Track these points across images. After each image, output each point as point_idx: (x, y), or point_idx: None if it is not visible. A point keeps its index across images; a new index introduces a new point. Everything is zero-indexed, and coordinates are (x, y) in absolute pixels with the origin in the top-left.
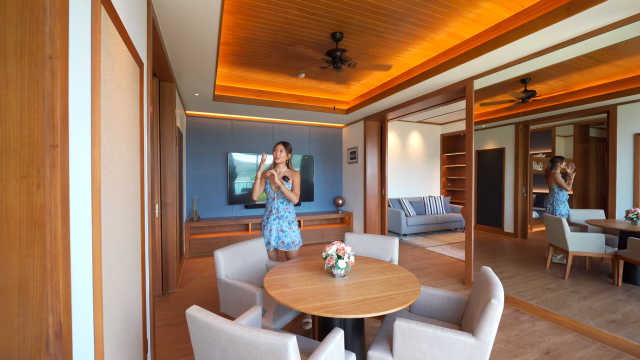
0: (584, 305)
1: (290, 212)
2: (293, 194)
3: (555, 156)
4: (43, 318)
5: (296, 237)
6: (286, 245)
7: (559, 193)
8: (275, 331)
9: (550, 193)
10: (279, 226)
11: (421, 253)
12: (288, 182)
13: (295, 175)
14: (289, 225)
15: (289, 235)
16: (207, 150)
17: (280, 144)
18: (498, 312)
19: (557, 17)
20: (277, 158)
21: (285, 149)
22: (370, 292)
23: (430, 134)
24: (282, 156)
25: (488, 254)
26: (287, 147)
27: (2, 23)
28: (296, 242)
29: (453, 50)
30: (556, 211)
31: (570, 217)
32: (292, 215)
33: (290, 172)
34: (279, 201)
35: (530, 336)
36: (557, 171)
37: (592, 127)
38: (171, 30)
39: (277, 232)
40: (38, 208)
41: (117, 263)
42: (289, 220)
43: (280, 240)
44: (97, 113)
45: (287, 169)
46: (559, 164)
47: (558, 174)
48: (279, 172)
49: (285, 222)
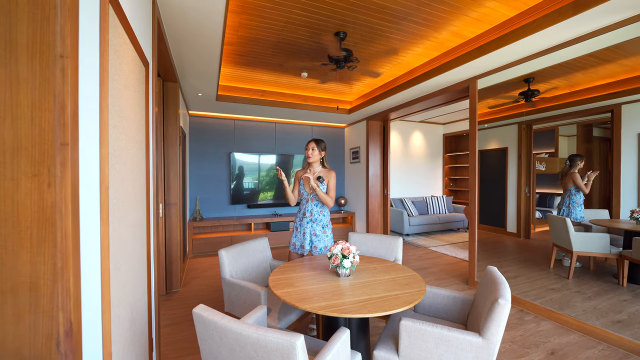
0: (589, 306)
1: (325, 215)
2: (329, 197)
3: (573, 154)
4: (54, 316)
5: (329, 242)
6: (319, 251)
7: (576, 195)
8: (282, 330)
9: (566, 194)
10: (313, 230)
11: (424, 253)
12: (323, 183)
13: (330, 176)
14: (322, 229)
15: (323, 240)
16: (210, 150)
17: (313, 141)
18: (505, 311)
19: (562, 16)
20: (309, 157)
21: (318, 147)
22: (376, 292)
23: (433, 133)
24: (314, 154)
25: (491, 254)
26: (320, 145)
27: (14, 22)
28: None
29: (456, 49)
30: (572, 214)
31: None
32: (327, 219)
33: (325, 171)
34: (313, 203)
35: (535, 336)
36: (576, 171)
37: (595, 126)
38: (175, 30)
39: (311, 236)
40: (49, 207)
41: (124, 262)
42: (323, 223)
43: (313, 245)
44: (105, 112)
45: (322, 168)
46: (578, 163)
47: (577, 174)
48: (313, 171)
49: (319, 225)
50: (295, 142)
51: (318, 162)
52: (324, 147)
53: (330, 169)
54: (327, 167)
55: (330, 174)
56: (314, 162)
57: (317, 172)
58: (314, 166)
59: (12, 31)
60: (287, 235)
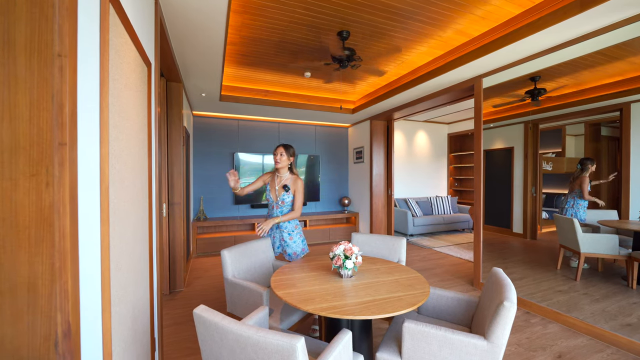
0: (597, 308)
1: (290, 222)
2: (293, 212)
3: (584, 158)
4: (52, 317)
5: (297, 248)
6: (288, 255)
7: (581, 196)
8: (283, 332)
9: (571, 195)
10: (281, 235)
11: (428, 253)
12: (289, 192)
13: (297, 185)
14: (289, 236)
15: (290, 246)
16: (214, 150)
17: (281, 146)
18: (511, 314)
19: (568, 13)
20: (277, 162)
21: (287, 152)
22: (379, 293)
23: (437, 133)
24: (283, 160)
25: (496, 255)
26: (289, 151)
27: (12, 21)
28: (298, 252)
29: (461, 48)
30: (575, 215)
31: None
32: (292, 225)
33: (292, 179)
34: (278, 210)
35: (542, 339)
36: (586, 175)
37: (603, 125)
38: (178, 30)
39: (280, 241)
40: (47, 207)
41: (126, 262)
42: (289, 230)
43: (283, 249)
44: (105, 112)
45: (290, 174)
46: (589, 167)
47: (586, 178)
48: (281, 178)
49: (285, 232)
50: (298, 142)
51: (286, 168)
52: (292, 152)
53: (298, 177)
54: (296, 174)
55: (297, 182)
56: (281, 168)
57: (284, 180)
58: (281, 172)
59: (11, 30)
60: None
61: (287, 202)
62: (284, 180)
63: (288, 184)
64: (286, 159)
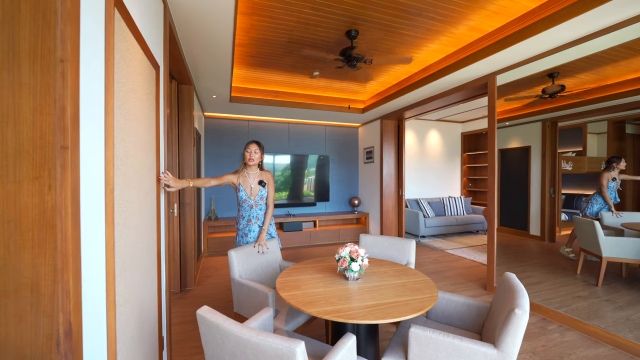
0: (621, 316)
1: (271, 224)
2: (269, 211)
3: (612, 156)
4: (54, 317)
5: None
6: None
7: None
8: (284, 335)
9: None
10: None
11: (440, 255)
12: (265, 187)
13: (269, 176)
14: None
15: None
16: (225, 151)
17: (255, 143)
18: (523, 322)
19: (588, 5)
20: (250, 160)
21: (260, 149)
22: (385, 297)
23: (450, 132)
24: (256, 157)
25: (512, 258)
26: (261, 147)
27: (17, 28)
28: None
29: (474, 44)
30: (587, 209)
31: (603, 219)
32: (273, 229)
33: (263, 174)
34: (257, 208)
35: (559, 347)
36: (607, 172)
37: (628, 123)
38: (188, 33)
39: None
40: (49, 209)
41: (132, 262)
42: (270, 232)
43: None
44: (110, 115)
45: (260, 171)
46: (614, 164)
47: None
48: (252, 175)
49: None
50: (308, 142)
51: (256, 165)
52: (263, 149)
53: (266, 170)
54: (264, 169)
55: (268, 175)
56: (253, 165)
57: (257, 176)
58: (251, 169)
59: (15, 37)
60: (300, 235)
61: (265, 198)
62: (258, 176)
63: (263, 179)
64: (259, 156)
